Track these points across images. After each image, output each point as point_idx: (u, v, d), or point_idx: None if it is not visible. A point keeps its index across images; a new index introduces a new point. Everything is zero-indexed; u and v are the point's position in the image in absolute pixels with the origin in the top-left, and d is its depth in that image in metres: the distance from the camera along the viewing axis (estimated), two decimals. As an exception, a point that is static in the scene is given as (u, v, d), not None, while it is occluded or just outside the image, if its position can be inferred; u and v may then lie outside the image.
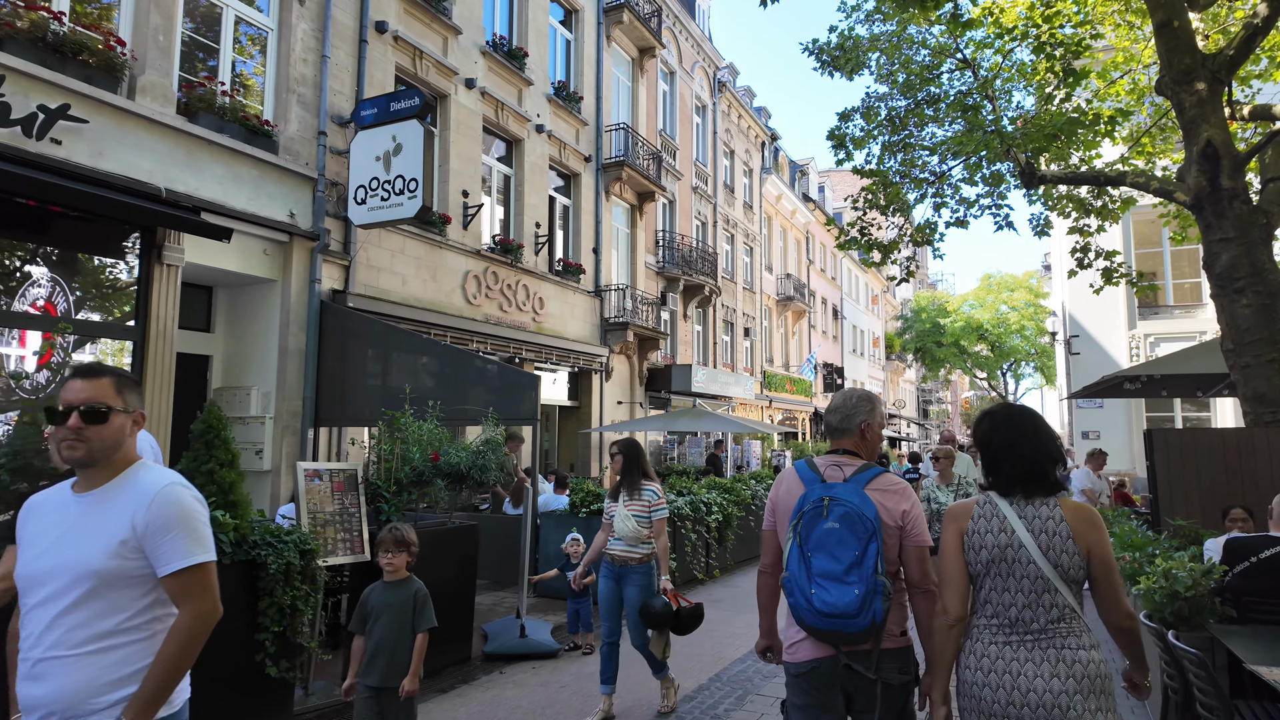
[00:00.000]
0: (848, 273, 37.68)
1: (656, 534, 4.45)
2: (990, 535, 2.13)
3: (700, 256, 19.47)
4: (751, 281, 24.72)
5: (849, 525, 2.21)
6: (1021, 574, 2.06)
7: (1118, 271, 10.62)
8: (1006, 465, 2.19)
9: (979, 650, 2.10)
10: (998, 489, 2.21)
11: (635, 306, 16.12)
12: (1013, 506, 2.13)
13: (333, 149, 9.43)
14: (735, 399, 20.83)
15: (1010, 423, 2.24)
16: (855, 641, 2.21)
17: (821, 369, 32.30)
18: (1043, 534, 2.07)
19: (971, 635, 2.15)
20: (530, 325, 12.88)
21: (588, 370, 14.76)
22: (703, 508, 8.37)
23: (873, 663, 2.22)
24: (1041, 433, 2.22)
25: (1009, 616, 2.08)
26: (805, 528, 2.27)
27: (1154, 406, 16.66)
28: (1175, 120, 10.91)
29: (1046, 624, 2.04)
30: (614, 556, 4.47)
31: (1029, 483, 2.15)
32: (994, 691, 2.03)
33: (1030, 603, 2.05)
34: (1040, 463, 2.17)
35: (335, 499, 4.39)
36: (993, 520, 2.14)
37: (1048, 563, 2.04)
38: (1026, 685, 1.98)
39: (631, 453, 4.57)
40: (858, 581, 2.15)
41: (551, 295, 13.61)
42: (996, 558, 2.10)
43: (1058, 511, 2.09)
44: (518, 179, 13.16)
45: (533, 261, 13.18)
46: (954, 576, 2.18)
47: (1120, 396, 11.98)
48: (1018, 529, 2.08)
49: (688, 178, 19.87)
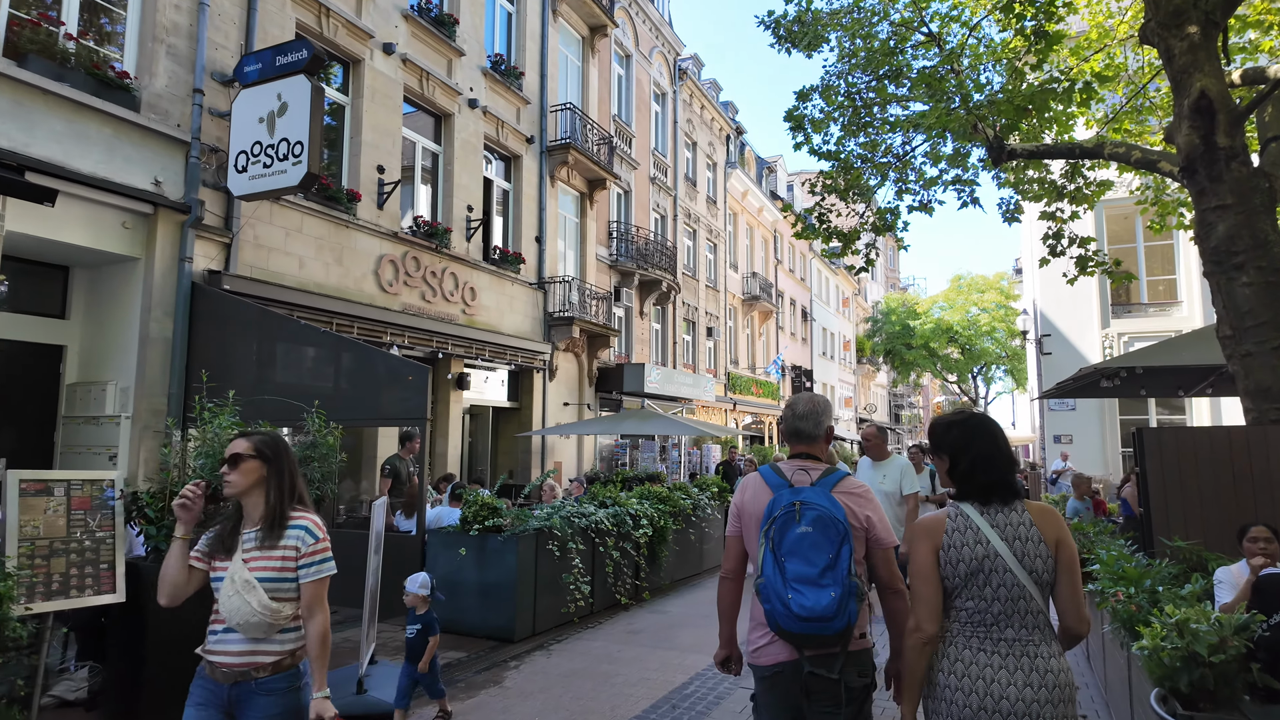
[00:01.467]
0: (817, 274, 36.93)
1: (308, 611, 2.30)
2: (967, 548, 2.11)
3: (658, 250, 18.44)
4: (715, 279, 23.74)
5: (821, 529, 2.22)
6: (999, 582, 2.06)
7: (1093, 260, 9.77)
8: (982, 474, 2.17)
9: (952, 654, 2.10)
10: (971, 498, 2.18)
11: (584, 301, 15.03)
12: (984, 516, 2.13)
13: (213, 110, 8.23)
14: (695, 401, 19.80)
15: (983, 431, 2.23)
16: (824, 645, 2.22)
17: (790, 371, 31.44)
18: (1016, 540, 2.08)
19: (944, 639, 2.14)
20: (459, 318, 11.73)
21: (529, 368, 13.62)
22: (629, 521, 7.28)
23: (837, 665, 2.23)
24: (1003, 440, 2.24)
25: (984, 623, 2.08)
26: (778, 533, 2.26)
27: (1128, 408, 15.93)
28: (1154, 99, 10.15)
29: (1020, 630, 2.05)
30: (218, 666, 2.27)
31: (1002, 490, 2.15)
32: (966, 696, 2.03)
33: (1006, 610, 2.06)
34: (1009, 470, 2.18)
35: (75, 519, 3.26)
36: (967, 533, 2.12)
37: (1023, 570, 2.06)
38: (999, 693, 1.99)
39: (272, 454, 2.37)
40: (833, 584, 2.17)
41: (486, 286, 12.47)
42: (975, 569, 2.09)
43: (1026, 516, 2.12)
44: (447, 157, 12.02)
45: (464, 248, 12.03)
46: (929, 594, 2.14)
47: (1094, 396, 11.14)
48: (992, 539, 2.09)
49: (645, 167, 18.85)
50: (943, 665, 2.10)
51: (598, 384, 15.76)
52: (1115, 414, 15.66)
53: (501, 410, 13.76)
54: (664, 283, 18.02)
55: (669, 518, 7.99)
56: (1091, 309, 16.07)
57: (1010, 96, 8.18)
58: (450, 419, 11.56)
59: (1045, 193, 9.96)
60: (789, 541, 2.23)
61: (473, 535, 5.96)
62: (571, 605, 6.41)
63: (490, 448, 13.64)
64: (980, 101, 8.42)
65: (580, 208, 15.84)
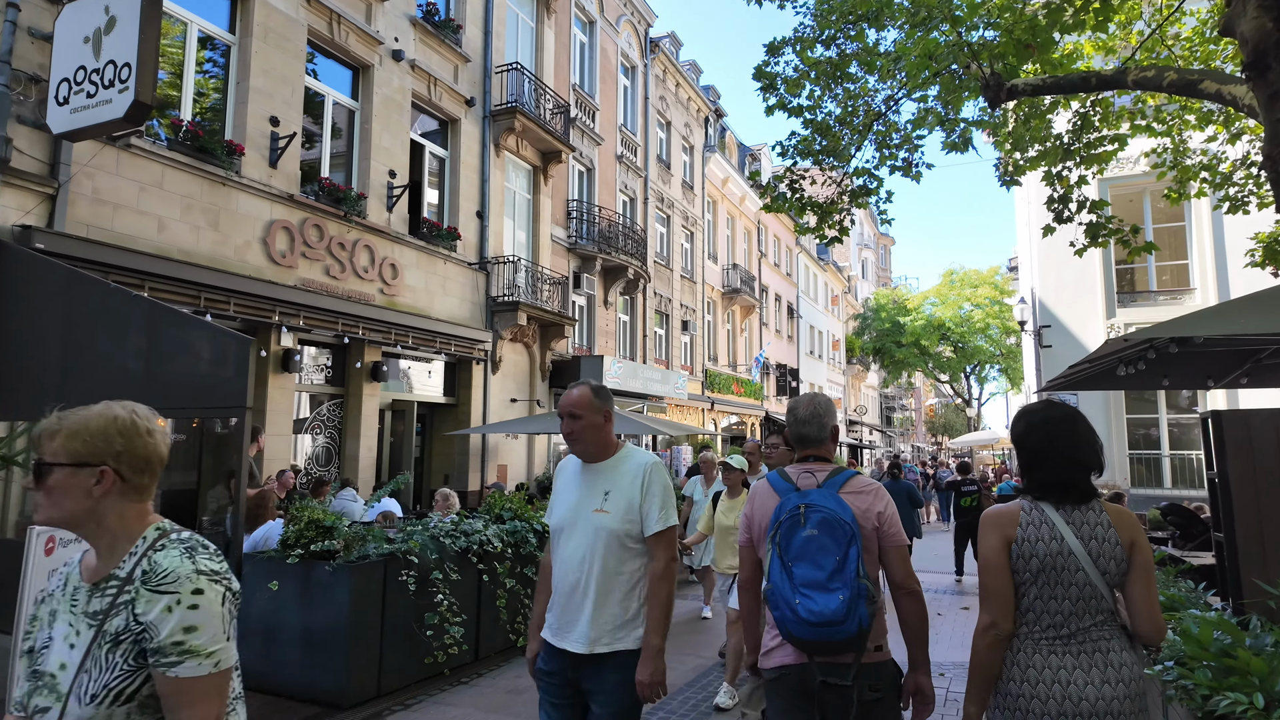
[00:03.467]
0: (804, 269, 35.47)
1: None
2: (1041, 543, 2.02)
3: (625, 235, 16.93)
4: (692, 270, 22.24)
5: (828, 531, 2.18)
6: (1070, 581, 1.99)
7: (1106, 228, 8.33)
8: (1039, 472, 2.10)
9: (1023, 661, 2.01)
10: (1035, 493, 2.11)
11: (535, 285, 13.50)
12: (1059, 513, 2.05)
13: (34, 30, 6.69)
14: (667, 399, 18.28)
15: (1046, 428, 2.12)
16: (836, 651, 2.15)
17: (774, 370, 29.96)
18: (1092, 540, 2.01)
19: (1013, 646, 2.04)
20: (376, 298, 10.18)
21: (466, 359, 12.07)
22: (532, 539, 5.70)
23: (850, 674, 2.15)
24: (1079, 440, 2.09)
25: (1053, 624, 2.00)
26: (784, 537, 2.23)
27: (1135, 407, 14.50)
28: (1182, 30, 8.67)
29: (1090, 628, 1.98)
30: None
31: (1064, 490, 2.06)
32: (1043, 703, 1.94)
33: (1076, 609, 1.99)
34: (1072, 471, 2.06)
35: None
36: (1042, 528, 2.04)
37: (1096, 570, 1.98)
38: (1078, 694, 1.92)
39: None
40: (841, 587, 2.11)
41: (412, 263, 10.93)
42: (1046, 565, 2.01)
43: (1104, 517, 2.04)
44: (364, 114, 10.48)
45: (384, 218, 10.50)
46: (1002, 588, 2.05)
47: (1107, 387, 9.67)
48: (1067, 536, 2.01)
49: (610, 144, 17.34)
50: (1013, 673, 2.01)
51: (551, 378, 14.23)
52: (1122, 413, 14.21)
53: (437, 407, 12.21)
54: (630, 269, 16.51)
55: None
56: (1095, 298, 14.63)
57: (1010, 24, 6.75)
58: (363, 415, 10.01)
59: (1048, 154, 8.51)
60: (795, 545, 2.20)
61: (292, 563, 4.42)
62: (440, 654, 4.87)
63: (423, 449, 12.08)
64: (974, 40, 7.01)
65: (533, 183, 14.31)
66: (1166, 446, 14.08)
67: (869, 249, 55.07)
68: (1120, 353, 6.08)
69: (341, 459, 10.03)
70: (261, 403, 8.67)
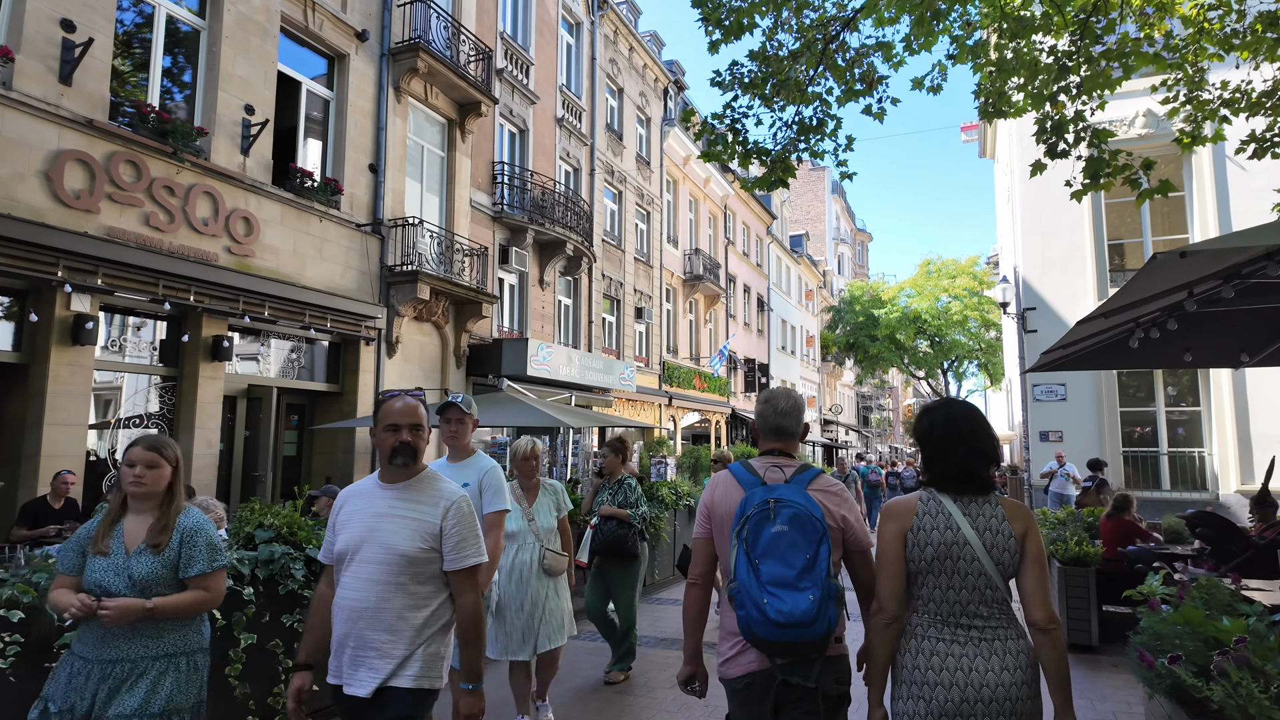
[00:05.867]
0: (776, 261, 33.84)
1: None
2: (936, 532, 2.07)
3: (566, 207, 15.09)
4: (648, 253, 20.46)
5: (798, 527, 2.09)
6: (966, 570, 2.03)
7: (1111, 163, 6.69)
8: (941, 464, 2.13)
9: (926, 649, 2.04)
10: (934, 485, 2.15)
11: (448, 256, 11.64)
12: (956, 504, 2.09)
13: None
14: (611, 391, 16.47)
15: (949, 422, 2.16)
16: (802, 652, 2.08)
17: (743, 365, 28.27)
18: (986, 531, 2.04)
19: (916, 634, 2.08)
20: (220, 258, 8.28)
21: (353, 338, 10.18)
22: (301, 566, 3.87)
23: (814, 673, 2.12)
24: (979, 431, 2.14)
25: (951, 612, 2.05)
26: (751, 533, 2.12)
27: (1129, 398, 12.91)
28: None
29: (988, 617, 2.03)
30: None
31: (965, 481, 2.11)
32: (947, 690, 1.98)
33: (973, 598, 2.03)
34: (976, 462, 2.12)
35: None
36: (938, 517, 2.08)
37: (990, 560, 2.02)
38: (979, 680, 1.96)
39: None
40: (811, 586, 2.03)
41: (275, 219, 9.03)
42: (941, 554, 2.04)
43: (999, 510, 2.08)
44: (213, 34, 8.57)
45: (237, 162, 8.59)
46: (892, 575, 2.10)
47: (1110, 366, 8.01)
48: (963, 526, 2.05)
49: (549, 104, 15.51)
50: (916, 662, 2.03)
51: (470, 365, 12.36)
52: (1115, 405, 12.61)
53: (319, 396, 10.30)
54: (570, 245, 14.67)
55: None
56: (1085, 277, 13.03)
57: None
58: (200, 402, 8.09)
59: (1042, 69, 6.85)
60: (764, 542, 2.10)
61: None
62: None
63: (300, 445, 10.16)
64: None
65: (447, 138, 12.43)
66: (1165, 444, 12.51)
67: (845, 244, 53.68)
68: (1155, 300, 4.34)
69: (170, 456, 8.12)
70: (40, 382, 6.74)
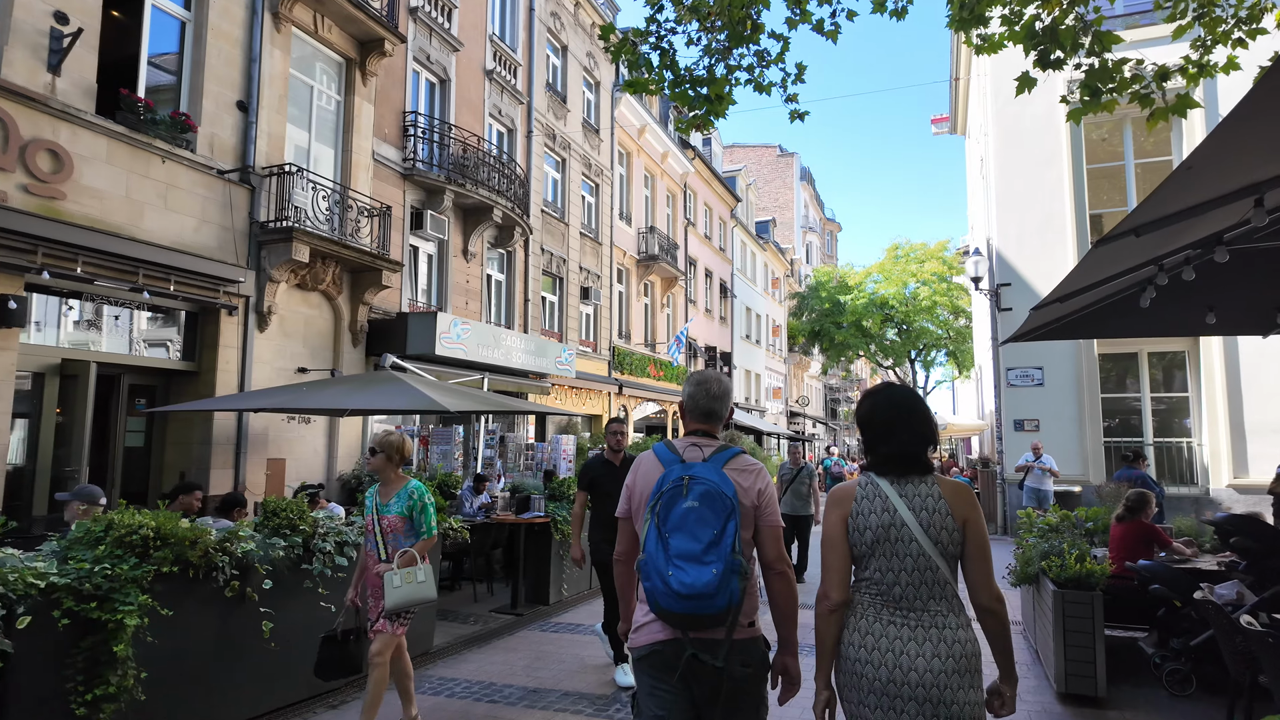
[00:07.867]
0: (741, 246, 32.49)
1: None
2: (874, 515, 2.11)
3: (495, 169, 13.47)
4: (597, 228, 18.91)
5: (708, 503, 2.15)
6: (905, 552, 2.06)
7: (1115, 76, 5.36)
8: (883, 446, 2.18)
9: (863, 628, 2.08)
10: (875, 469, 2.19)
11: (340, 215, 9.99)
12: (893, 486, 2.13)
13: None
14: (548, 376, 14.92)
15: (890, 405, 2.22)
16: (707, 626, 2.13)
17: (703, 354, 26.89)
18: (923, 511, 2.07)
19: (856, 613, 2.11)
20: (14, 198, 6.57)
21: (211, 306, 8.50)
22: None
23: (722, 653, 2.14)
24: (917, 414, 2.20)
25: (892, 594, 2.07)
26: (664, 508, 2.19)
27: (1113, 383, 11.72)
28: None
29: (928, 601, 2.04)
30: None
31: (905, 463, 2.15)
32: (875, 669, 2.02)
33: (913, 580, 2.05)
34: (916, 444, 2.16)
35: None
36: (875, 500, 2.12)
37: (929, 540, 2.05)
38: (909, 664, 1.98)
39: None
40: (716, 560, 2.08)
41: (100, 155, 7.33)
42: (880, 537, 2.08)
43: (935, 489, 2.10)
44: (4, -82, 6.82)
45: (43, 81, 6.88)
46: (838, 562, 2.15)
47: (1107, 334, 6.72)
48: (899, 507, 2.08)
49: (475, 53, 13.85)
50: (853, 639, 2.08)
51: (369, 342, 10.72)
52: (1097, 391, 11.42)
53: (173, 375, 8.60)
54: (498, 211, 13.07)
55: (133, 587, 3.08)
56: (1064, 248, 11.80)
57: None
58: (-23, 377, 6.39)
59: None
60: (674, 517, 2.15)
61: None
62: None
63: (148, 435, 8.47)
64: None
65: (345, 80, 10.75)
66: (1150, 433, 11.35)
67: (814, 232, 52.60)
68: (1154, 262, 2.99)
69: (-67, 447, 6.41)
70: None
